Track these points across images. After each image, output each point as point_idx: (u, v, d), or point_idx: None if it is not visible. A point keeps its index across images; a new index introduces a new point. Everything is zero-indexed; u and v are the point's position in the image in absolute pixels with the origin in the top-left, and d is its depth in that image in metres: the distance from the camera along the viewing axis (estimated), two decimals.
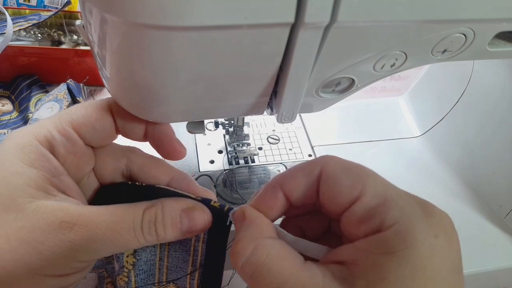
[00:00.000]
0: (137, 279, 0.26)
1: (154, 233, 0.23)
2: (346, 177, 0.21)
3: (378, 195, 0.20)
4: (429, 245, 0.18)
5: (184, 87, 0.23)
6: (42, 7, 0.66)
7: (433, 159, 0.49)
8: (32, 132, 0.22)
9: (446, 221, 0.20)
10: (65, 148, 0.23)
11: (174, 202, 0.24)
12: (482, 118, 0.45)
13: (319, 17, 0.19)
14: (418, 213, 0.19)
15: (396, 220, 0.19)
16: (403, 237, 0.18)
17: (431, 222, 0.19)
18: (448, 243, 0.19)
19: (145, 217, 0.23)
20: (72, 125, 0.23)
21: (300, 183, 0.22)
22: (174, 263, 0.26)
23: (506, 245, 0.41)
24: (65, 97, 0.56)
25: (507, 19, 0.22)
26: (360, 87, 0.27)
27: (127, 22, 0.18)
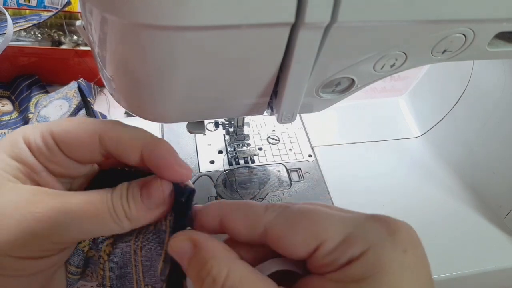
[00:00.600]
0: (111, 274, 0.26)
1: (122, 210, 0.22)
2: (296, 235, 0.19)
3: (337, 237, 0.19)
4: (398, 263, 0.18)
5: (184, 87, 0.23)
6: (42, 8, 0.66)
7: (433, 159, 0.49)
8: (21, 133, 0.23)
9: (411, 233, 0.19)
10: (45, 157, 0.23)
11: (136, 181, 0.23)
12: (482, 118, 0.45)
13: (319, 17, 0.19)
14: (382, 235, 0.19)
15: (362, 251, 0.18)
16: (372, 264, 0.18)
17: (397, 239, 0.18)
18: (417, 256, 0.19)
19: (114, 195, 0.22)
20: (54, 138, 0.23)
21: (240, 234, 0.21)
22: (147, 255, 0.25)
23: (506, 245, 0.41)
24: (75, 96, 0.56)
25: (507, 19, 0.22)
26: (360, 87, 0.27)
27: (127, 22, 0.18)
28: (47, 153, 0.23)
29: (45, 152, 0.23)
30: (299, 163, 0.47)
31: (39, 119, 0.53)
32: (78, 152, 0.23)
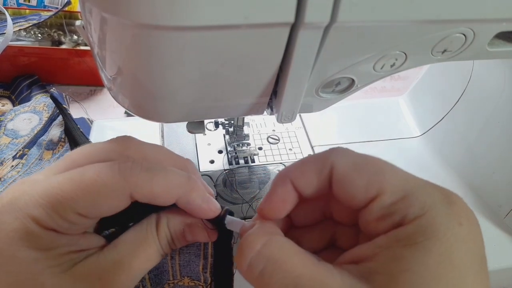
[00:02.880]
0: (150, 275, 0.27)
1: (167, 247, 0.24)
2: (359, 177, 0.19)
3: (397, 192, 0.18)
4: (452, 233, 0.17)
5: (184, 87, 0.23)
6: (42, 7, 0.66)
7: (433, 159, 0.49)
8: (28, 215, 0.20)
9: (469, 210, 0.19)
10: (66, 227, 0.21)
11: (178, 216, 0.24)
12: (482, 118, 0.45)
13: (319, 17, 0.19)
14: (441, 203, 0.18)
15: (417, 214, 0.18)
16: (425, 229, 0.17)
17: (454, 211, 0.18)
18: (473, 231, 0.18)
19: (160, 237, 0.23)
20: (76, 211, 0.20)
21: (311, 180, 0.21)
22: (186, 259, 0.27)
23: (506, 245, 0.41)
24: (45, 109, 0.55)
25: (507, 19, 0.22)
26: (360, 87, 0.27)
27: (127, 22, 0.18)
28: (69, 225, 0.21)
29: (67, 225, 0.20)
30: None
31: (7, 132, 0.52)
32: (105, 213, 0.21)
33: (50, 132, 0.51)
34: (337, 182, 0.20)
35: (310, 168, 0.21)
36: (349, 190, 0.19)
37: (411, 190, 0.18)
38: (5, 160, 0.48)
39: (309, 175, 0.21)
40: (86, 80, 0.65)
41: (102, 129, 0.50)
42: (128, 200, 0.21)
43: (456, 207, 0.18)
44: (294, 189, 0.21)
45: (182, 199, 0.22)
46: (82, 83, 0.66)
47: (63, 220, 0.20)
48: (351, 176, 0.19)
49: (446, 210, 0.18)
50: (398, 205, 0.18)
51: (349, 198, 0.20)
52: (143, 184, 0.21)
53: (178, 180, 0.22)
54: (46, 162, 0.46)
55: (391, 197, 0.18)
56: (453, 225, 0.17)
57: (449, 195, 0.19)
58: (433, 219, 0.17)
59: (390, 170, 0.19)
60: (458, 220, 0.18)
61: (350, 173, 0.20)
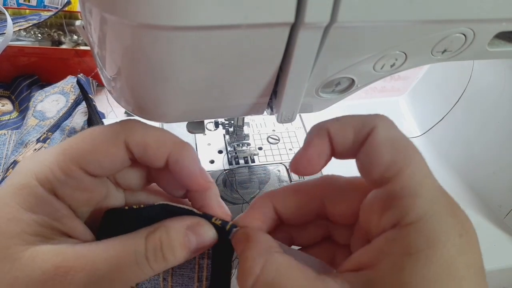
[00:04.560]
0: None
1: (162, 260, 0.21)
2: (388, 153, 0.19)
3: (411, 186, 0.18)
4: (453, 244, 0.17)
5: (184, 87, 0.23)
6: (42, 7, 0.66)
7: (433, 159, 0.49)
8: (33, 172, 0.20)
9: (469, 222, 0.19)
10: (70, 187, 0.21)
11: (177, 222, 0.22)
12: (482, 118, 0.45)
13: (319, 17, 0.19)
14: (445, 212, 0.18)
15: (420, 217, 0.17)
16: (427, 236, 0.17)
17: (456, 221, 0.18)
18: (471, 243, 0.18)
19: (149, 245, 0.21)
20: (78, 163, 0.21)
21: (348, 136, 0.20)
22: (179, 281, 0.25)
23: (506, 245, 0.41)
24: (72, 91, 0.55)
25: (507, 19, 0.22)
26: (360, 87, 0.27)
27: (127, 22, 0.18)
28: (73, 183, 0.21)
29: (70, 183, 0.21)
30: None
31: (36, 114, 0.53)
32: (106, 166, 0.22)
33: (74, 117, 0.51)
34: (368, 148, 0.20)
35: (350, 124, 0.20)
36: (374, 161, 0.19)
37: (423, 190, 0.18)
38: (29, 143, 0.48)
39: (348, 132, 0.20)
40: None
41: None
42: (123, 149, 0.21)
43: (458, 218, 0.18)
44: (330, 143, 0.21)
45: (173, 156, 0.22)
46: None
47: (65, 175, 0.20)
48: (384, 148, 0.19)
49: (449, 219, 0.18)
50: (405, 200, 0.18)
51: (369, 169, 0.20)
52: (137, 132, 0.22)
53: (171, 137, 0.22)
54: None
55: (406, 181, 0.18)
56: (454, 236, 0.17)
57: (454, 205, 0.19)
58: (436, 227, 0.17)
59: (416, 161, 0.19)
60: (459, 231, 0.17)
61: (384, 144, 0.19)
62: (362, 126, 0.20)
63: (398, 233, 0.18)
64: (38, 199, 0.20)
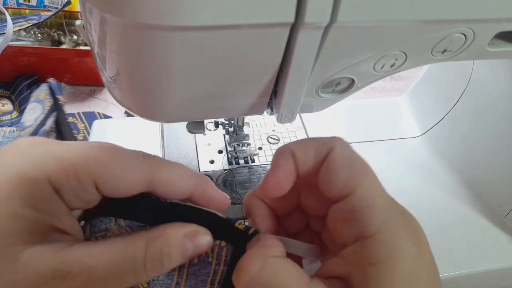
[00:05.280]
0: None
1: (159, 268, 0.21)
2: (345, 171, 0.21)
3: (367, 200, 0.20)
4: (409, 253, 0.19)
5: (184, 87, 0.23)
6: (42, 7, 0.66)
7: (433, 159, 0.49)
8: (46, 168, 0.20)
9: (418, 226, 0.21)
10: (75, 194, 0.21)
11: (178, 230, 0.22)
12: (482, 118, 0.45)
13: (319, 17, 0.19)
14: (400, 222, 0.20)
15: (379, 229, 0.19)
16: (387, 247, 0.19)
17: (409, 230, 0.20)
18: (424, 249, 0.20)
19: (148, 254, 0.21)
20: (95, 178, 0.20)
21: (310, 157, 0.22)
22: (192, 285, 0.25)
23: (506, 245, 0.41)
24: (47, 97, 0.55)
25: (507, 19, 0.22)
26: (360, 87, 0.27)
27: (127, 22, 0.18)
28: (81, 192, 0.20)
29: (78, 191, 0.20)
30: None
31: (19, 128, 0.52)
32: (119, 192, 0.21)
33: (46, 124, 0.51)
34: (327, 167, 0.21)
35: (311, 146, 0.22)
36: (332, 179, 0.21)
37: (379, 204, 0.20)
38: None
39: (310, 152, 0.22)
40: (86, 80, 0.66)
41: (103, 128, 0.50)
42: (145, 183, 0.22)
43: (410, 226, 0.20)
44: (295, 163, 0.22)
45: (198, 188, 0.23)
46: (82, 83, 0.66)
47: (77, 183, 0.20)
48: (340, 167, 0.21)
49: (403, 229, 0.20)
50: (363, 214, 0.20)
51: (329, 186, 0.21)
52: (164, 169, 0.22)
53: (194, 173, 0.24)
54: None
55: (360, 202, 0.20)
56: (409, 244, 0.19)
57: (405, 214, 0.21)
58: (393, 238, 0.19)
59: (371, 178, 0.21)
60: (413, 239, 0.20)
61: (341, 163, 0.21)
62: (322, 147, 0.22)
63: (362, 245, 0.20)
64: (43, 196, 0.20)
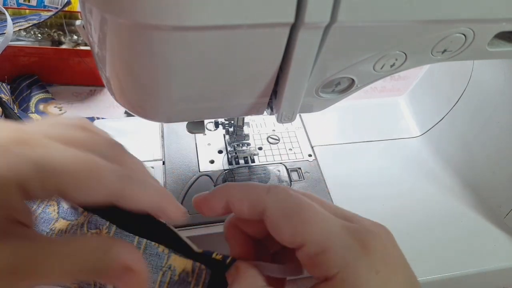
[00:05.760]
0: None
1: None
2: (286, 226, 0.21)
3: (318, 245, 0.20)
4: (373, 284, 0.19)
5: (184, 87, 0.23)
6: (42, 7, 0.66)
7: (433, 159, 0.49)
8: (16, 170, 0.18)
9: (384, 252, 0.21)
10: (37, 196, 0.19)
11: None
12: (482, 118, 0.45)
13: (319, 17, 0.19)
14: (358, 254, 0.20)
15: (339, 268, 0.20)
16: (349, 283, 0.19)
17: (371, 259, 0.20)
18: (393, 271, 0.20)
19: None
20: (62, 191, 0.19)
21: (242, 211, 0.23)
22: None
23: (506, 245, 0.41)
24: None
25: (507, 19, 0.22)
26: (360, 87, 0.27)
27: (127, 22, 0.18)
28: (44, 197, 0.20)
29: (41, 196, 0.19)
30: (299, 162, 0.47)
31: None
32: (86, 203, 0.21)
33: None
34: (269, 225, 0.22)
35: (245, 204, 0.23)
36: (279, 235, 0.22)
37: (330, 245, 0.20)
38: None
39: (243, 209, 0.23)
40: (86, 80, 0.65)
41: (102, 128, 0.50)
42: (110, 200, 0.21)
43: (372, 255, 0.20)
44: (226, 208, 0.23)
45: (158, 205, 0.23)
46: (82, 83, 0.66)
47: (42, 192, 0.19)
48: (280, 224, 0.21)
49: (364, 261, 0.20)
50: (321, 258, 0.20)
51: (281, 241, 0.22)
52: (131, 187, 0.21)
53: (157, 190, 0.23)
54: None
55: (313, 249, 0.20)
56: (372, 275, 0.20)
57: (367, 243, 0.20)
58: (354, 274, 0.20)
59: (314, 222, 0.21)
60: (376, 268, 0.20)
61: (279, 220, 0.21)
62: (256, 204, 0.22)
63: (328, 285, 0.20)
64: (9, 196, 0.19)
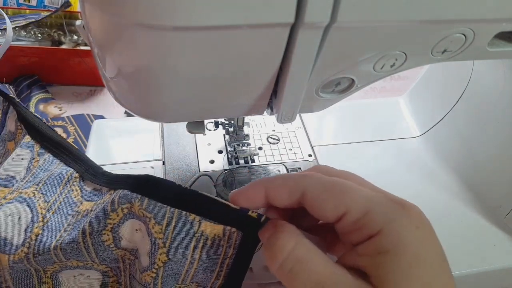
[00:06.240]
0: (164, 274, 0.27)
1: None
2: (328, 200, 0.22)
3: (361, 209, 0.22)
4: (414, 237, 0.21)
5: (184, 88, 0.23)
6: (42, 7, 0.66)
7: (433, 159, 0.49)
8: None
9: (420, 212, 0.22)
10: None
11: None
12: (482, 118, 0.45)
13: (319, 17, 0.19)
14: (399, 213, 0.21)
15: (381, 225, 0.21)
16: (391, 238, 0.21)
17: (411, 217, 0.21)
18: (427, 232, 0.22)
19: None
20: None
21: (283, 199, 0.24)
22: (203, 265, 0.27)
23: (506, 245, 0.41)
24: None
25: (507, 19, 0.22)
26: (360, 87, 0.27)
27: (127, 22, 0.18)
28: None
29: None
30: (299, 162, 0.47)
31: None
32: None
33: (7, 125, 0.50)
34: (310, 204, 0.23)
35: (284, 189, 0.24)
36: (321, 210, 0.23)
37: (373, 206, 0.22)
38: None
39: (282, 195, 0.24)
40: (86, 80, 0.66)
41: (102, 128, 0.50)
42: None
43: (411, 213, 0.22)
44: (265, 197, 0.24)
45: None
46: (82, 83, 0.66)
47: None
48: (322, 199, 0.23)
49: (404, 218, 0.21)
50: (364, 220, 0.21)
51: (322, 217, 0.23)
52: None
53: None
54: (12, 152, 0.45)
55: (356, 214, 0.22)
56: (412, 229, 0.21)
57: (404, 204, 0.22)
58: (395, 228, 0.21)
59: (354, 191, 0.22)
60: (415, 224, 0.21)
61: (320, 196, 0.23)
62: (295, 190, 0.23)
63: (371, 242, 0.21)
64: None
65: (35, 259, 0.30)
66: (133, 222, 0.28)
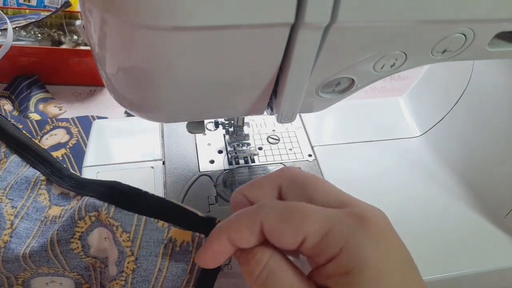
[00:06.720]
0: (133, 281, 0.26)
1: None
2: (285, 229, 0.22)
3: (319, 233, 0.21)
4: (374, 251, 0.20)
5: (184, 88, 0.23)
6: (42, 7, 0.66)
7: (433, 159, 0.49)
8: None
9: (381, 222, 0.22)
10: None
11: None
12: (482, 118, 0.45)
13: (319, 17, 0.19)
14: (357, 229, 0.21)
15: (341, 245, 0.21)
16: (351, 255, 0.20)
17: (369, 232, 0.21)
18: (390, 242, 0.22)
19: None
20: None
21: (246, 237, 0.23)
22: (173, 272, 0.27)
23: (506, 245, 0.41)
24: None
25: (507, 19, 0.22)
26: (360, 87, 0.27)
27: (127, 22, 0.18)
28: None
29: None
30: (299, 162, 0.47)
31: None
32: None
33: None
34: (269, 235, 0.23)
35: (243, 227, 0.23)
36: (280, 241, 0.22)
37: (332, 227, 0.21)
38: None
39: (244, 233, 0.23)
40: (86, 80, 0.66)
41: (102, 128, 0.50)
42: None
43: (370, 226, 0.21)
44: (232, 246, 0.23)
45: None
46: (82, 83, 0.66)
47: None
48: (279, 229, 0.22)
49: (362, 233, 0.21)
50: (324, 242, 0.21)
51: (282, 246, 0.23)
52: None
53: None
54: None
55: (315, 238, 0.21)
56: (372, 243, 0.21)
57: (363, 216, 0.22)
58: (354, 245, 0.21)
59: (311, 215, 0.22)
60: (375, 238, 0.21)
61: (277, 226, 0.22)
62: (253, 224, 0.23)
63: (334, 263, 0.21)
64: None
65: (4, 266, 0.29)
66: (100, 231, 0.28)
